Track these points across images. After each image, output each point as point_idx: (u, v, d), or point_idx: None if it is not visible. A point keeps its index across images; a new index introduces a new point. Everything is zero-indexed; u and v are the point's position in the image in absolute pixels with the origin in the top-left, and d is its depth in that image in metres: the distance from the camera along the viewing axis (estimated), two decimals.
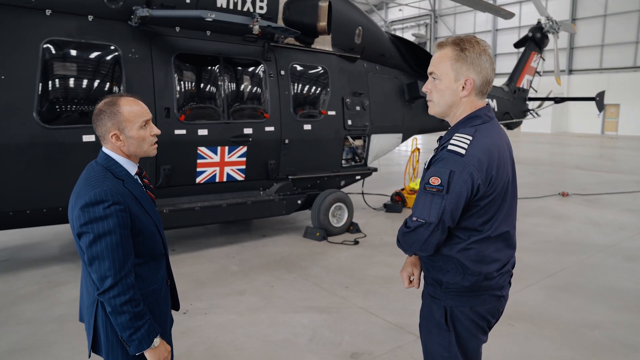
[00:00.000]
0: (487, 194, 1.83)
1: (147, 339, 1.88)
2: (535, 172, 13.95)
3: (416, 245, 1.88)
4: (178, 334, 3.91)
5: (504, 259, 1.97)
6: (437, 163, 1.84)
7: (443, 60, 1.90)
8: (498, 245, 1.93)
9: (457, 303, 1.94)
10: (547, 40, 13.46)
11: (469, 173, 1.77)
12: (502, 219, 1.92)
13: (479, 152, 1.80)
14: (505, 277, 2.00)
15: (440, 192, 1.78)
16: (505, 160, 1.91)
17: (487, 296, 1.94)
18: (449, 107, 1.94)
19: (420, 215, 1.83)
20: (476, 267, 1.89)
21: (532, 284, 5.10)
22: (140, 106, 2.00)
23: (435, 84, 1.94)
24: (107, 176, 1.89)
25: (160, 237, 2.07)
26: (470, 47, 1.87)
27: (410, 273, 2.15)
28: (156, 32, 5.50)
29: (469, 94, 1.90)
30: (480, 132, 1.86)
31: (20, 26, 4.67)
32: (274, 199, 6.59)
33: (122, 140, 1.95)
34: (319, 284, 5.06)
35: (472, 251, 1.89)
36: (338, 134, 7.23)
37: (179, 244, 6.54)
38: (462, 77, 1.87)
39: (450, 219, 1.81)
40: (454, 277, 1.92)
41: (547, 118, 31.05)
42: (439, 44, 1.95)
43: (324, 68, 7.06)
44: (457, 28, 40.42)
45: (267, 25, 5.69)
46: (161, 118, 5.48)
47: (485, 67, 1.88)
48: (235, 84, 6.34)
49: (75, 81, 5.00)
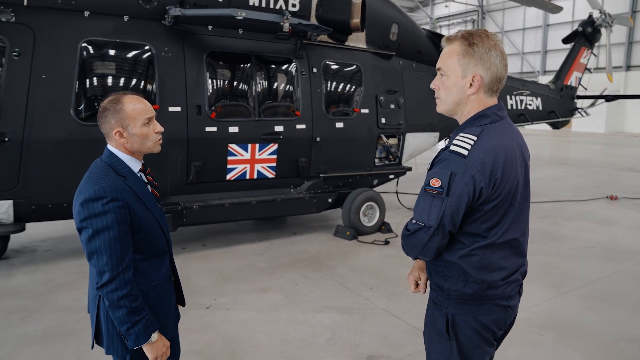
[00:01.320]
0: (491, 198, 1.74)
1: (145, 333, 1.91)
2: (582, 173, 13.30)
3: (416, 249, 1.81)
4: (199, 328, 3.99)
5: (511, 267, 1.86)
6: (439, 164, 1.77)
7: (451, 55, 1.81)
8: (504, 253, 1.83)
9: (459, 311, 1.85)
10: (599, 34, 12.78)
11: (470, 175, 1.68)
12: (509, 225, 1.81)
13: (482, 153, 1.70)
14: (512, 287, 1.88)
15: (440, 195, 1.70)
16: (514, 163, 1.79)
17: (492, 305, 1.84)
18: (456, 105, 1.85)
19: (419, 218, 1.76)
20: (479, 275, 1.80)
21: (568, 291, 4.85)
22: (144, 104, 2.03)
23: (443, 80, 1.85)
24: (108, 173, 1.93)
25: (163, 234, 2.09)
26: (479, 41, 1.77)
27: (417, 277, 2.08)
28: (189, 31, 5.60)
29: (476, 92, 1.80)
30: (487, 132, 1.76)
31: (60, 27, 4.88)
32: (304, 197, 6.58)
33: (126, 137, 1.99)
34: (344, 284, 5.02)
35: (475, 257, 1.80)
36: (371, 132, 7.14)
37: (210, 239, 6.66)
38: (469, 74, 1.78)
39: (450, 223, 1.73)
40: (455, 284, 1.83)
41: (600, 117, 29.55)
42: (448, 39, 1.85)
43: (357, 65, 6.98)
44: (505, 24, 39.14)
45: (297, 22, 5.69)
46: (192, 115, 5.59)
47: (495, 63, 1.77)
48: (267, 82, 6.38)
49: (110, 79, 5.18)
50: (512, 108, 10.24)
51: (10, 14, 4.69)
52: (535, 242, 6.54)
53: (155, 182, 2.20)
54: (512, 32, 38.67)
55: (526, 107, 10.59)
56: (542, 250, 6.22)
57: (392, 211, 8.10)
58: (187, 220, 5.68)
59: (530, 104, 10.67)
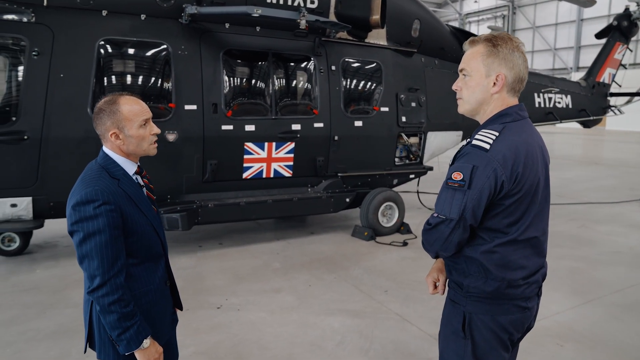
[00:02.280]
0: (512, 192, 1.74)
1: (136, 339, 1.86)
2: (615, 174, 12.78)
3: (437, 243, 1.81)
4: (208, 328, 3.96)
5: (531, 267, 1.85)
6: (461, 158, 1.79)
7: (475, 56, 1.86)
8: (525, 252, 1.83)
9: (477, 310, 1.84)
10: (636, 29, 12.23)
11: (492, 169, 1.70)
12: (530, 223, 1.82)
13: (504, 148, 1.73)
14: (532, 288, 1.87)
15: (462, 188, 1.72)
16: (535, 160, 1.81)
17: (511, 306, 1.83)
18: (479, 105, 1.88)
19: (441, 211, 1.78)
20: (499, 272, 1.79)
21: (593, 299, 4.62)
22: (140, 105, 1.98)
23: (466, 80, 1.89)
24: (101, 175, 1.89)
25: (158, 238, 2.05)
26: (503, 43, 1.82)
27: (436, 279, 2.06)
28: (206, 29, 5.59)
29: (500, 90, 1.83)
30: (508, 129, 1.79)
31: (78, 27, 4.92)
32: (322, 196, 6.50)
33: (122, 139, 1.94)
34: (358, 286, 4.92)
35: (496, 255, 1.80)
36: (391, 131, 7.00)
37: (227, 237, 6.66)
38: (493, 73, 1.82)
39: (472, 216, 1.73)
40: (475, 281, 1.83)
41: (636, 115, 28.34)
42: (471, 41, 1.91)
43: (377, 63, 6.85)
44: (537, 19, 38.07)
45: (315, 19, 5.60)
46: (209, 114, 5.57)
47: (518, 63, 1.82)
48: (284, 80, 6.32)
49: (126, 77, 5.22)
50: (540, 106, 9.91)
51: (31, 15, 4.76)
52: (561, 246, 6.28)
53: (151, 184, 2.14)
54: (543, 27, 37.62)
55: (555, 105, 10.23)
56: (568, 254, 5.97)
57: (412, 211, 7.94)
58: (202, 219, 5.67)
59: (559, 102, 10.31)
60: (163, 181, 5.52)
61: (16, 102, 4.75)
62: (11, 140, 4.68)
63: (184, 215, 5.40)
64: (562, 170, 13.23)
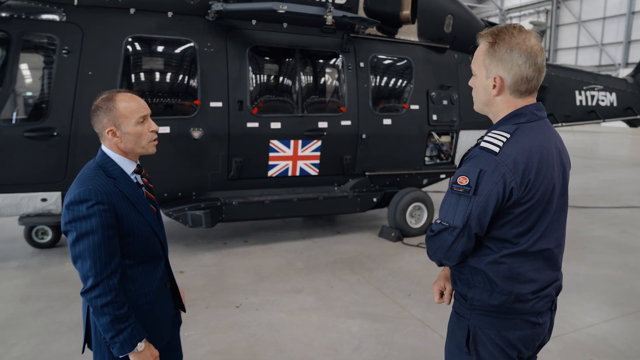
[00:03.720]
0: (523, 200, 1.60)
1: (129, 342, 1.82)
2: None
3: (440, 252, 1.69)
4: (225, 327, 3.94)
5: (543, 280, 1.70)
6: (468, 161, 1.66)
7: (478, 55, 1.73)
8: (536, 264, 1.68)
9: (482, 324, 1.70)
10: None
11: (501, 174, 1.56)
12: (542, 234, 1.66)
13: (515, 151, 1.58)
14: (544, 303, 1.72)
15: (467, 193, 1.59)
16: (549, 165, 1.64)
17: (519, 321, 1.69)
18: (485, 106, 1.77)
19: (444, 217, 1.65)
20: (506, 285, 1.66)
21: (632, 312, 4.32)
22: (137, 102, 1.94)
23: (474, 80, 1.78)
24: (97, 174, 1.86)
25: (157, 239, 2.00)
26: (501, 40, 1.64)
27: (442, 287, 1.94)
28: (232, 25, 5.57)
29: (499, 93, 1.69)
30: (522, 130, 1.64)
31: (107, 25, 5.00)
32: (348, 195, 6.40)
33: (119, 136, 1.91)
34: (381, 289, 4.79)
35: (503, 266, 1.66)
36: (421, 129, 6.82)
37: (253, 235, 6.65)
38: (491, 75, 1.68)
39: (477, 225, 1.60)
40: (480, 294, 1.70)
41: None
42: (479, 35, 1.75)
43: (407, 59, 6.67)
44: (583, 13, 36.46)
45: (342, 15, 5.50)
46: (234, 111, 5.56)
47: (518, 63, 1.63)
48: (311, 77, 6.25)
49: (152, 75, 5.27)
50: (581, 104, 9.44)
51: (62, 14, 4.86)
52: (599, 252, 5.95)
53: (150, 184, 2.10)
54: (590, 22, 35.98)
55: (598, 104, 9.72)
56: (605, 261, 5.64)
57: None
58: (226, 217, 5.67)
59: (602, 100, 9.78)
60: (188, 178, 5.57)
61: (47, 99, 4.87)
62: (42, 136, 4.80)
63: (207, 212, 5.42)
64: (605, 172, 12.60)
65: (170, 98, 5.46)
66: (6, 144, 4.69)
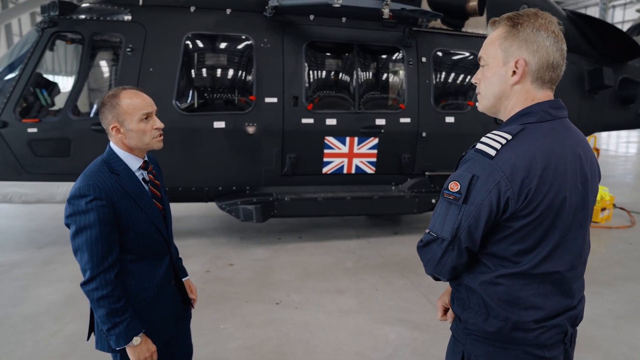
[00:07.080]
0: (522, 213, 1.38)
1: (125, 336, 1.85)
2: None
3: (430, 265, 1.51)
4: (261, 323, 3.95)
5: (551, 308, 1.47)
6: (462, 165, 1.46)
7: (493, 41, 1.50)
8: (542, 289, 1.45)
9: (477, 351, 1.51)
10: None
11: (495, 181, 1.36)
12: (549, 254, 1.43)
13: (515, 155, 1.37)
14: (552, 334, 1.47)
15: (457, 201, 1.40)
16: (560, 174, 1.40)
17: (520, 353, 1.47)
18: (497, 100, 1.50)
19: (433, 227, 1.48)
20: (502, 310, 1.45)
21: None
22: (141, 98, 1.95)
23: (484, 71, 1.53)
24: (100, 170, 1.89)
25: (160, 235, 2.01)
26: (526, 21, 1.43)
27: (446, 303, 1.74)
28: (289, 21, 5.57)
29: (520, 80, 1.44)
30: (528, 131, 1.41)
31: (168, 23, 5.21)
32: (405, 195, 6.17)
33: (123, 133, 1.94)
34: (427, 296, 4.56)
35: (500, 287, 1.45)
36: (487, 128, 6.36)
37: (308, 231, 6.63)
38: (511, 59, 1.44)
39: (468, 238, 1.41)
40: (475, 317, 1.50)
41: None
42: (492, 22, 1.53)
43: (474, 54, 6.28)
44: None
45: (400, 8, 5.28)
46: (289, 106, 5.57)
47: (545, 45, 1.41)
48: (369, 72, 6.10)
49: (209, 71, 5.42)
50: None
51: (128, 14, 5.14)
52: None
53: (156, 180, 2.11)
54: None
55: None
56: None
57: None
58: (278, 212, 5.70)
59: None
60: (242, 173, 5.67)
61: None
62: None
63: (258, 207, 5.48)
64: None
65: (225, 94, 5.58)
66: (77, 136, 5.05)
